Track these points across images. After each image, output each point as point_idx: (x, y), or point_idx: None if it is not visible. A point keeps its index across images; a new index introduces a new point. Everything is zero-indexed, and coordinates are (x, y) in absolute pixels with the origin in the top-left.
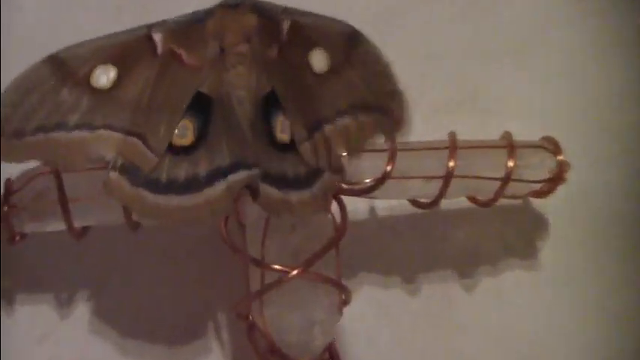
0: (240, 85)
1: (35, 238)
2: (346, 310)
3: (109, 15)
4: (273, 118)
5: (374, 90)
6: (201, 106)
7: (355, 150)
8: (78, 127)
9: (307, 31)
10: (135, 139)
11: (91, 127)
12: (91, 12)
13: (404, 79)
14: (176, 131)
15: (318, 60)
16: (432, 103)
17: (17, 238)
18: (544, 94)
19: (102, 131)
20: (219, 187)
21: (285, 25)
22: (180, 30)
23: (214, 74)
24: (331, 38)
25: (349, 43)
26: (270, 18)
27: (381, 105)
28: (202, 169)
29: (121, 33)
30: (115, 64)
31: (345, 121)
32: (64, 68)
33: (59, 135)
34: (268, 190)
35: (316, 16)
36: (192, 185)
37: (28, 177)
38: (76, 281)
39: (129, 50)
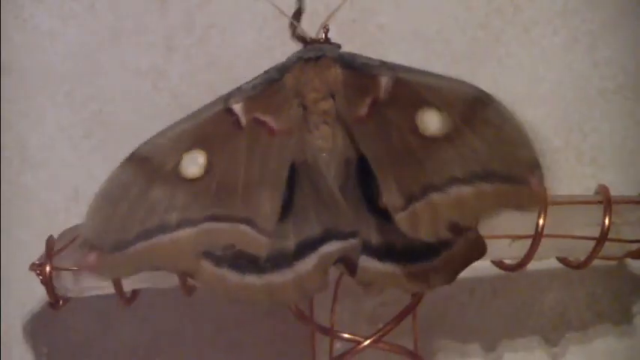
0: (327, 146)
1: (79, 302)
2: None
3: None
4: (372, 183)
5: (502, 157)
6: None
7: (470, 222)
8: (179, 225)
9: (416, 90)
10: (242, 226)
11: (193, 222)
12: None
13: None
14: None
15: (430, 122)
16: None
17: (60, 302)
18: None
19: (205, 224)
20: (310, 261)
21: (386, 81)
22: (259, 94)
23: (298, 137)
24: (448, 99)
25: (474, 106)
26: (360, 72)
27: (512, 174)
28: (290, 242)
29: (197, 112)
30: (200, 148)
31: (462, 190)
32: (149, 166)
33: (162, 238)
34: (365, 262)
35: (429, 74)
36: (279, 261)
37: (72, 235)
38: (122, 349)
39: (211, 130)
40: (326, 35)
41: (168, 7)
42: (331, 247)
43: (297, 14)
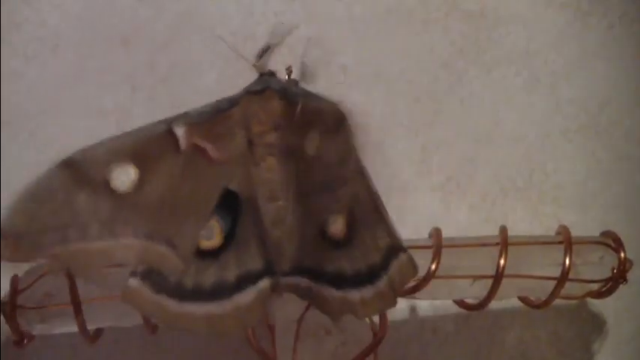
0: (273, 179)
1: (44, 340)
2: None
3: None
4: (323, 211)
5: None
6: (229, 205)
7: None
8: (99, 236)
9: (311, 112)
10: (160, 246)
11: (113, 235)
12: None
13: (447, 162)
14: (202, 233)
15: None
16: (480, 191)
17: (25, 340)
18: (605, 183)
19: (126, 239)
20: (250, 294)
21: (298, 108)
22: (203, 122)
23: (243, 169)
24: (322, 120)
25: (333, 124)
26: (292, 103)
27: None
28: (231, 274)
29: (140, 130)
30: (135, 164)
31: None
32: (79, 173)
33: (78, 245)
34: (325, 291)
35: (315, 97)
36: (219, 291)
37: (37, 275)
38: None
39: (149, 148)
40: (289, 76)
41: (132, 46)
42: (271, 282)
43: (264, 51)
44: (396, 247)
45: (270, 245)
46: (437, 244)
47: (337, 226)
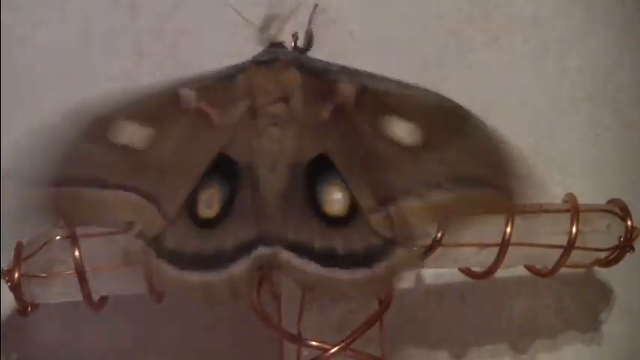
0: (275, 149)
1: (48, 308)
2: None
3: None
4: (319, 188)
5: (485, 165)
6: (230, 174)
7: (453, 224)
8: (103, 185)
9: (384, 99)
10: (148, 203)
11: (110, 186)
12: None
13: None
14: (203, 200)
15: (402, 131)
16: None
17: (29, 309)
18: (612, 151)
19: (129, 194)
20: (244, 263)
21: (349, 88)
22: (210, 87)
23: (243, 138)
24: (420, 109)
25: (451, 119)
26: (318, 77)
27: (495, 181)
28: (228, 243)
29: (149, 89)
30: (144, 123)
31: (443, 195)
32: (98, 124)
33: (93, 191)
34: (307, 266)
35: (395, 83)
36: (217, 260)
37: (41, 242)
38: (92, 355)
39: (158, 109)
40: (295, 43)
41: (139, 12)
42: (261, 252)
43: (267, 20)
44: (403, 235)
45: (265, 215)
46: None
47: (338, 205)
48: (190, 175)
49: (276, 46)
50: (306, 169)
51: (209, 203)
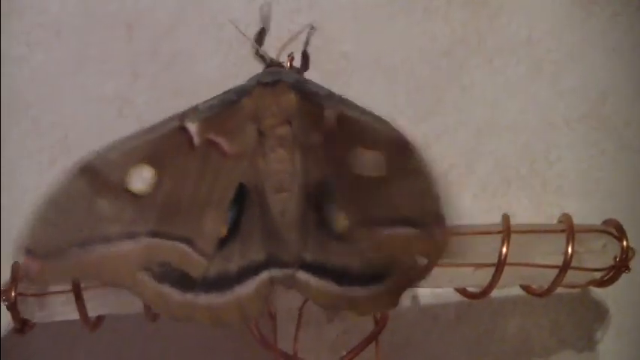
0: (282, 170)
1: (45, 327)
2: None
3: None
4: (329, 206)
5: (414, 205)
6: (237, 196)
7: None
8: (120, 238)
9: (358, 128)
10: (182, 245)
11: (135, 236)
12: None
13: (449, 151)
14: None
15: (369, 162)
16: (483, 181)
17: (26, 327)
18: (608, 171)
19: (146, 240)
20: (251, 286)
21: (330, 114)
22: (215, 116)
23: (251, 161)
24: (381, 141)
25: (399, 152)
26: (312, 100)
27: (421, 222)
28: (234, 265)
29: (152, 128)
30: (150, 164)
31: (400, 231)
32: (99, 178)
33: (102, 250)
34: (325, 286)
35: (369, 113)
36: (222, 282)
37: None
38: None
39: (163, 146)
40: (291, 63)
41: (134, 34)
42: (271, 274)
43: (260, 35)
44: None
45: (275, 237)
46: None
47: (347, 222)
48: (217, 207)
49: (276, 65)
50: (315, 190)
51: None
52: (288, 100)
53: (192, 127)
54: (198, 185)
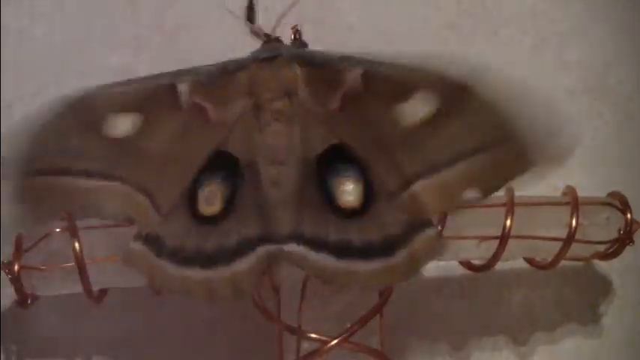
0: (278, 144)
1: (48, 301)
2: None
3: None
4: (332, 180)
5: (487, 133)
6: (231, 171)
7: (484, 193)
8: (91, 175)
9: (387, 82)
10: (142, 196)
11: (102, 176)
12: None
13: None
14: (203, 197)
15: (406, 113)
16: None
17: (29, 300)
18: (612, 144)
19: (111, 183)
20: (248, 261)
21: (352, 74)
22: (207, 82)
23: (244, 134)
24: (426, 90)
25: (455, 95)
26: (322, 68)
27: (501, 142)
28: (230, 240)
29: (145, 79)
30: (136, 113)
31: (460, 167)
32: (87, 114)
33: (79, 181)
34: (324, 260)
35: (399, 66)
36: (219, 258)
37: (41, 234)
38: (91, 347)
39: (151, 100)
40: (295, 36)
41: (138, 7)
42: (267, 249)
43: (250, 12)
44: (422, 222)
45: (267, 211)
46: None
47: (351, 196)
48: (185, 170)
49: (274, 41)
50: (316, 163)
51: (210, 200)
52: (289, 74)
53: (183, 87)
54: (174, 144)
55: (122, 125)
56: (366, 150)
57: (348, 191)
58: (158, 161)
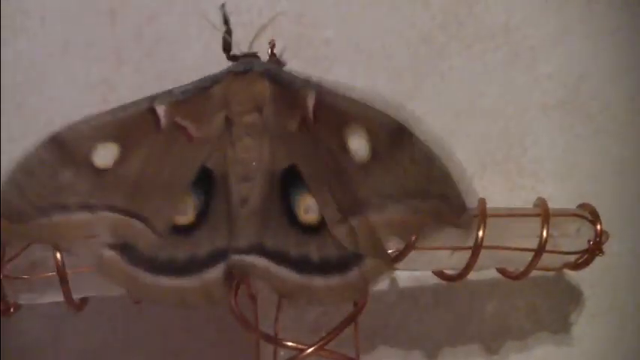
0: (248, 159)
1: (30, 309)
2: None
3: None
4: (294, 196)
5: (429, 178)
6: (204, 182)
7: (408, 237)
8: (79, 208)
9: (341, 113)
10: (136, 221)
11: (92, 208)
12: None
13: (427, 136)
14: (178, 209)
15: (357, 145)
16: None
17: (11, 309)
18: (582, 156)
19: (102, 213)
20: (217, 271)
21: (311, 100)
22: (184, 100)
23: (219, 148)
24: (371, 126)
25: (395, 138)
26: (287, 88)
27: (439, 192)
28: (202, 250)
29: (123, 107)
30: (117, 141)
31: (396, 207)
32: (65, 149)
33: (60, 218)
34: (285, 274)
35: (351, 99)
36: (191, 267)
37: (23, 245)
38: (73, 355)
39: (131, 126)
40: (272, 50)
41: (118, 20)
42: (233, 259)
43: (226, 42)
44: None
45: (234, 223)
46: None
47: (310, 212)
48: (174, 190)
49: (250, 56)
50: (281, 179)
51: (184, 211)
52: (260, 88)
53: (161, 110)
54: (160, 166)
55: (108, 155)
56: (317, 174)
57: (307, 207)
58: (145, 185)
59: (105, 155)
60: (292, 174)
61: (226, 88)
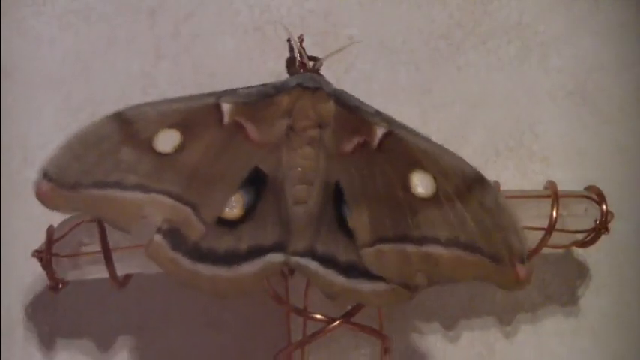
0: (307, 166)
1: (77, 285)
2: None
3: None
4: (345, 205)
5: (491, 237)
6: (255, 182)
7: (436, 281)
8: (134, 188)
9: (412, 150)
10: (187, 208)
11: (147, 189)
12: None
13: (445, 124)
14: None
15: (422, 185)
16: (474, 150)
17: (59, 285)
18: (589, 144)
19: (156, 195)
20: (256, 266)
21: (376, 129)
22: (250, 102)
23: (276, 152)
24: (445, 170)
25: (472, 186)
26: (353, 113)
27: (498, 255)
28: (244, 245)
29: (189, 98)
30: (179, 129)
31: (438, 250)
32: (129, 128)
33: (114, 193)
34: (335, 277)
35: (425, 138)
36: (230, 258)
37: (71, 225)
38: (117, 328)
39: (195, 117)
40: (301, 44)
41: (157, 18)
42: (277, 258)
43: (290, 62)
44: None
45: (288, 225)
46: None
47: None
48: (227, 185)
49: (312, 71)
50: (335, 188)
51: (232, 205)
52: (326, 108)
53: (226, 107)
54: (216, 160)
55: (169, 141)
56: (358, 197)
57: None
58: (200, 176)
59: (166, 141)
60: (340, 190)
61: (293, 101)
